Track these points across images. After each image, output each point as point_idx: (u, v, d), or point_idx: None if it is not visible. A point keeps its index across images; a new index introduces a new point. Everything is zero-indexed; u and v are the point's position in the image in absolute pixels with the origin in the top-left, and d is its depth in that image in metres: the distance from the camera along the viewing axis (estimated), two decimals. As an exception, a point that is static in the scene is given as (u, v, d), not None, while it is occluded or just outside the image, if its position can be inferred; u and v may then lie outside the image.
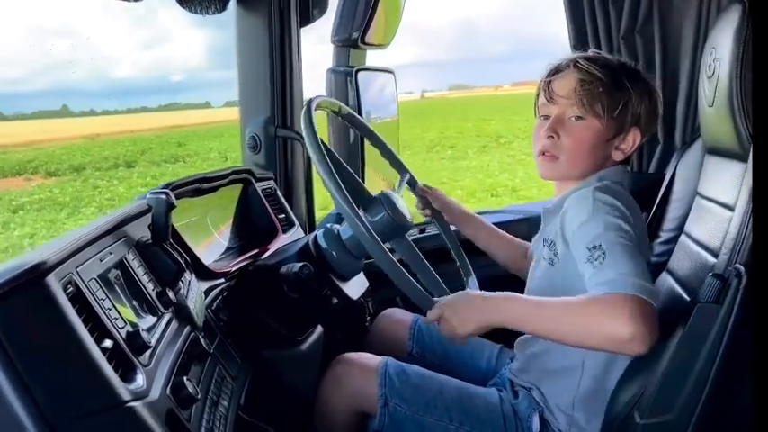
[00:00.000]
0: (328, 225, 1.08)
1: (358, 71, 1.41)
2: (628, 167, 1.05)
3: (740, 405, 0.82)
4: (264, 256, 1.15)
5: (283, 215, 1.38)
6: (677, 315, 0.86)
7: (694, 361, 0.81)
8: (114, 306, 0.70)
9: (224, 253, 1.22)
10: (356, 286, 1.11)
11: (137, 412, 0.60)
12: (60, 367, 0.59)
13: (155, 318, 0.78)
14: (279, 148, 1.48)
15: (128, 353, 0.66)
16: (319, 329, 1.18)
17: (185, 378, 0.71)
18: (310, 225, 1.54)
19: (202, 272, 1.02)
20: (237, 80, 1.48)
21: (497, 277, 1.17)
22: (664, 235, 1.27)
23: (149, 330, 0.74)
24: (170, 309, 0.82)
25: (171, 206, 0.84)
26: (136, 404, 0.61)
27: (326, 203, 0.90)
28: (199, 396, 0.72)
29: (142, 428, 0.61)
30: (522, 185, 7.65)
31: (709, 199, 1.04)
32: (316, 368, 1.14)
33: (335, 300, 1.05)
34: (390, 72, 1.59)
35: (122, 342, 0.66)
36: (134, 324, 0.71)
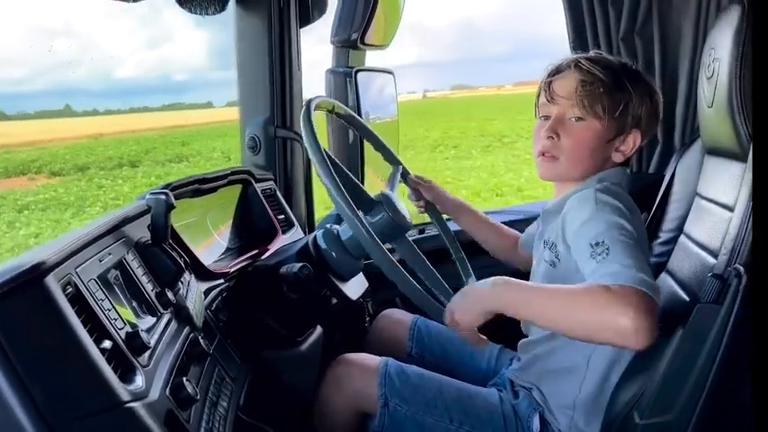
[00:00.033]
0: (328, 225, 1.08)
1: (357, 72, 1.41)
2: (627, 169, 1.04)
3: (740, 405, 0.82)
4: (264, 257, 1.15)
5: (283, 216, 1.37)
6: (677, 315, 0.86)
7: (694, 361, 0.81)
8: (113, 306, 0.70)
9: (223, 253, 1.22)
10: (356, 287, 1.11)
11: (136, 413, 0.60)
12: (59, 368, 0.59)
13: (154, 318, 0.78)
14: (278, 149, 1.48)
15: (127, 353, 0.66)
16: (319, 330, 1.18)
17: (185, 379, 0.71)
18: (310, 225, 1.53)
19: (202, 272, 1.02)
20: (237, 80, 1.48)
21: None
22: (663, 235, 1.27)
23: (149, 331, 0.74)
24: (169, 309, 0.82)
25: (170, 207, 0.84)
26: (135, 405, 0.61)
27: (329, 203, 0.90)
28: (198, 397, 0.72)
29: (141, 429, 0.60)
30: (528, 185, 7.59)
31: (708, 199, 1.04)
32: (315, 369, 1.14)
33: (335, 300, 1.05)
34: (390, 72, 1.59)
35: (121, 343, 0.66)
36: (133, 325, 0.71)
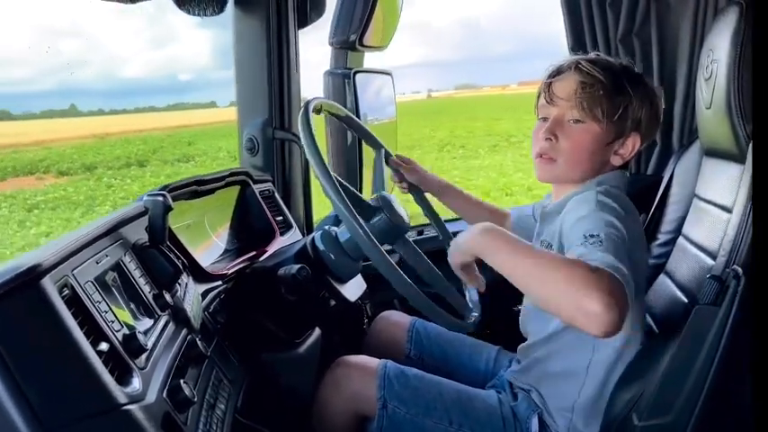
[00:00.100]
0: (326, 227, 1.08)
1: (356, 73, 1.41)
2: (627, 173, 1.03)
3: (739, 406, 0.82)
4: (262, 259, 1.15)
5: (281, 217, 1.37)
6: (675, 317, 0.86)
7: (693, 363, 0.81)
8: (110, 308, 0.69)
9: (221, 255, 1.22)
10: (354, 288, 1.11)
11: (133, 415, 0.60)
12: (56, 370, 0.58)
13: (151, 320, 0.78)
14: (276, 150, 1.48)
15: (124, 356, 0.65)
16: (317, 332, 1.18)
17: (182, 381, 0.71)
18: (308, 227, 1.53)
19: (199, 274, 1.01)
20: (235, 82, 1.48)
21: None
22: (662, 237, 1.27)
23: (146, 333, 0.73)
24: (167, 311, 0.81)
25: (168, 208, 0.84)
26: (132, 407, 0.60)
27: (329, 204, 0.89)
28: (195, 399, 0.71)
29: None
30: (537, 184, 7.56)
31: (707, 201, 1.04)
32: (313, 371, 1.14)
33: (333, 302, 1.05)
34: (388, 74, 1.59)
35: (118, 345, 0.65)
36: (130, 327, 0.71)
